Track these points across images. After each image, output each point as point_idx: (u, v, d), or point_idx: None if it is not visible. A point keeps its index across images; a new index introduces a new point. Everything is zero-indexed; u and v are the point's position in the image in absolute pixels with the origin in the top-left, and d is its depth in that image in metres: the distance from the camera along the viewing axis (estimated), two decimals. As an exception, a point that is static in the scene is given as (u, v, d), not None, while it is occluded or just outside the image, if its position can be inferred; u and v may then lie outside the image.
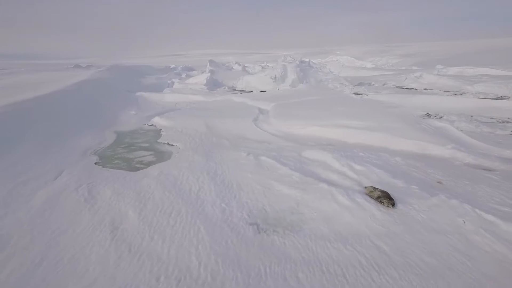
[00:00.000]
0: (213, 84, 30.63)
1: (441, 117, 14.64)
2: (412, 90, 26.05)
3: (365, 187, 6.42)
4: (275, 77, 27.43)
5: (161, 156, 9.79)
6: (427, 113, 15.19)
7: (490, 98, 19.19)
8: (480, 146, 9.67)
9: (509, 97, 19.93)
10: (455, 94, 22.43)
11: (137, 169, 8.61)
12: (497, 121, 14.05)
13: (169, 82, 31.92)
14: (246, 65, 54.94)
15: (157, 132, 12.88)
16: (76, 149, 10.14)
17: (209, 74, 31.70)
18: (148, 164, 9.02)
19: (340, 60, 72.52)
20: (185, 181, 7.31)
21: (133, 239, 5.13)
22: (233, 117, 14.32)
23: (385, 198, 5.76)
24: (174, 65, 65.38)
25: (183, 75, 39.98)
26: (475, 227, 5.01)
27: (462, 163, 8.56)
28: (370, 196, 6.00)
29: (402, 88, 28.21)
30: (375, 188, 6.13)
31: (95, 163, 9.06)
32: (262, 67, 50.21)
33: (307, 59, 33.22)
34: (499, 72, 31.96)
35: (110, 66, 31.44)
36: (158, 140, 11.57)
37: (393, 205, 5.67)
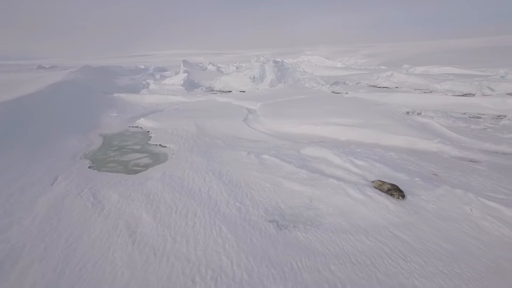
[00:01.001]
0: (190, 85, 30.23)
1: (419, 113, 15.45)
2: (386, 88, 27.23)
3: (373, 181, 6.68)
4: (254, 77, 27.58)
5: (157, 158, 9.58)
6: (407, 111, 15.95)
7: (458, 95, 20.51)
8: (462, 140, 10.35)
9: (474, 94, 21.41)
10: (425, 92, 23.72)
11: (136, 171, 8.38)
12: (469, 117, 15.07)
13: (144, 83, 31.06)
14: (220, 65, 54.69)
15: (146, 134, 12.57)
16: (65, 153, 9.68)
17: (186, 74, 31.23)
18: (146, 166, 8.81)
19: (311, 60, 74.14)
20: (192, 182, 7.23)
21: (155, 242, 5.02)
22: (222, 117, 14.26)
23: (395, 191, 6.04)
24: (143, 66, 63.58)
25: (157, 76, 39.08)
26: (482, 213, 5.41)
27: (449, 156, 9.12)
28: (380, 190, 6.27)
29: (375, 86, 29.39)
30: (383, 182, 6.40)
31: (89, 167, 8.72)
32: (237, 67, 50.21)
33: (280, 59, 33.67)
34: (462, 71, 34.18)
35: (82, 67, 29.96)
36: (149, 142, 11.30)
37: (403, 197, 5.96)
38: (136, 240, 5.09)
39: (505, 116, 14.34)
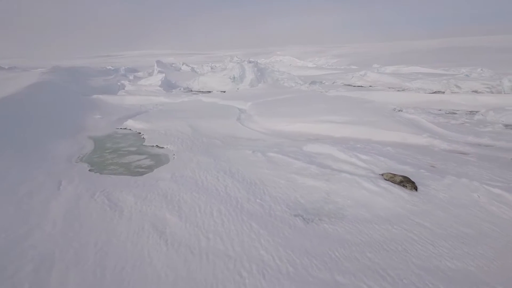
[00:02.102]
0: (167, 85, 29.61)
1: (400, 110, 16.24)
2: (361, 87, 28.23)
3: (382, 174, 7.03)
4: (234, 77, 27.59)
5: (158, 159, 9.42)
6: (393, 108, 16.69)
7: (430, 93, 21.73)
8: (448, 134, 11.07)
9: (444, 92, 22.80)
10: (399, 90, 24.92)
11: (140, 173, 8.22)
12: (446, 113, 16.05)
13: (119, 84, 30.03)
14: (193, 65, 53.98)
15: (138, 136, 12.26)
16: (58, 157, 9.26)
17: (164, 75, 30.61)
18: (149, 167, 8.66)
19: (284, 60, 75.15)
20: (205, 181, 7.21)
21: (188, 241, 5.01)
22: (214, 117, 14.20)
23: (408, 182, 6.41)
24: (111, 67, 60.99)
25: (131, 77, 37.90)
26: (488, 199, 5.90)
27: (440, 149, 9.74)
28: (392, 182, 6.61)
29: (350, 85, 30.37)
30: (394, 174, 6.76)
31: (89, 170, 8.43)
32: (211, 68, 49.84)
33: (253, 60, 33.84)
34: (429, 70, 36.17)
35: (53, 67, 28.38)
36: (144, 144, 11.06)
37: (416, 189, 6.32)
38: (168, 240, 5.05)
39: (477, 111, 15.42)
